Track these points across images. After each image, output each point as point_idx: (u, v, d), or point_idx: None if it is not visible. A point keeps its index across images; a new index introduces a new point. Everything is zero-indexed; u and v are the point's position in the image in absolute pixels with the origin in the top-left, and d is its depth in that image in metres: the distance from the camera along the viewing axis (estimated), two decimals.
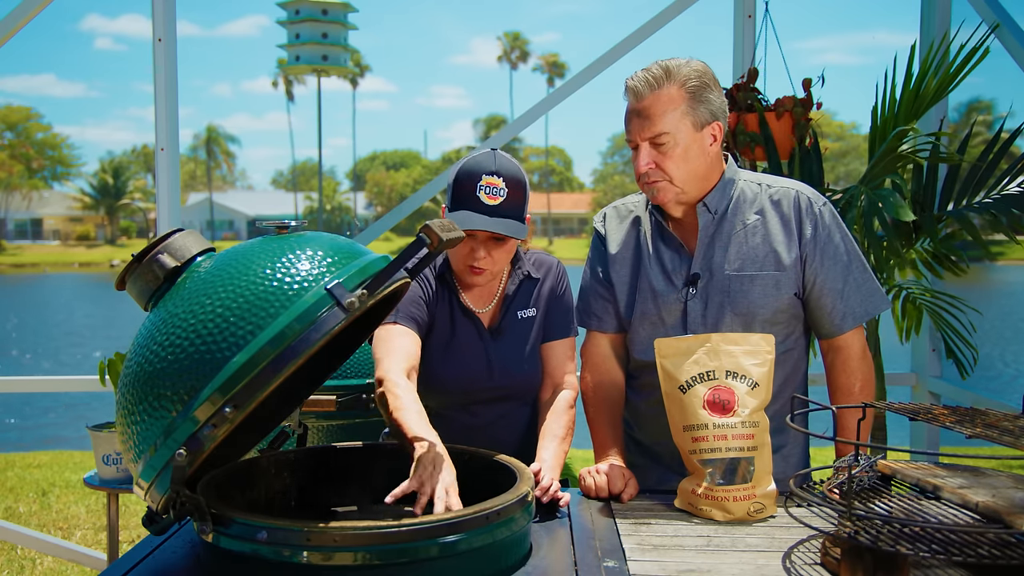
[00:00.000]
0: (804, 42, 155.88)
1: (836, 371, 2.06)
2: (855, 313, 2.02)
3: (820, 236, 1.99)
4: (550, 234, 69.62)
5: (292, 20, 62.04)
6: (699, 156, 1.95)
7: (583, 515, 1.75)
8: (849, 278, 2.01)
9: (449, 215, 1.97)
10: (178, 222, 3.66)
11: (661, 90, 1.91)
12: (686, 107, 1.91)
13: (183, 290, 1.38)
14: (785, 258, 1.98)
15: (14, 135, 64.98)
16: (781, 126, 3.52)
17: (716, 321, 1.99)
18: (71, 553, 4.02)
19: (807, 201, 2.02)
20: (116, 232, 67.58)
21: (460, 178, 1.97)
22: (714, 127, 1.96)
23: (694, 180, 1.97)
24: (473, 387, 2.07)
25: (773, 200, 2.03)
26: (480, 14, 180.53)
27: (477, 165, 1.97)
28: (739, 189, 2.05)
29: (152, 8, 3.74)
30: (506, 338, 2.09)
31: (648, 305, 2.06)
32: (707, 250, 2.02)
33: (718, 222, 2.02)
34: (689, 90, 1.92)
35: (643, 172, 1.96)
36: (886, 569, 1.27)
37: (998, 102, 42.68)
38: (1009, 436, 1.35)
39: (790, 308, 2.00)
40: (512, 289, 2.12)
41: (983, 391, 3.75)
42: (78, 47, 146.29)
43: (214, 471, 1.55)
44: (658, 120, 1.91)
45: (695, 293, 2.01)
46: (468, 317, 2.08)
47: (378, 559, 1.31)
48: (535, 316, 2.13)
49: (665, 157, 1.94)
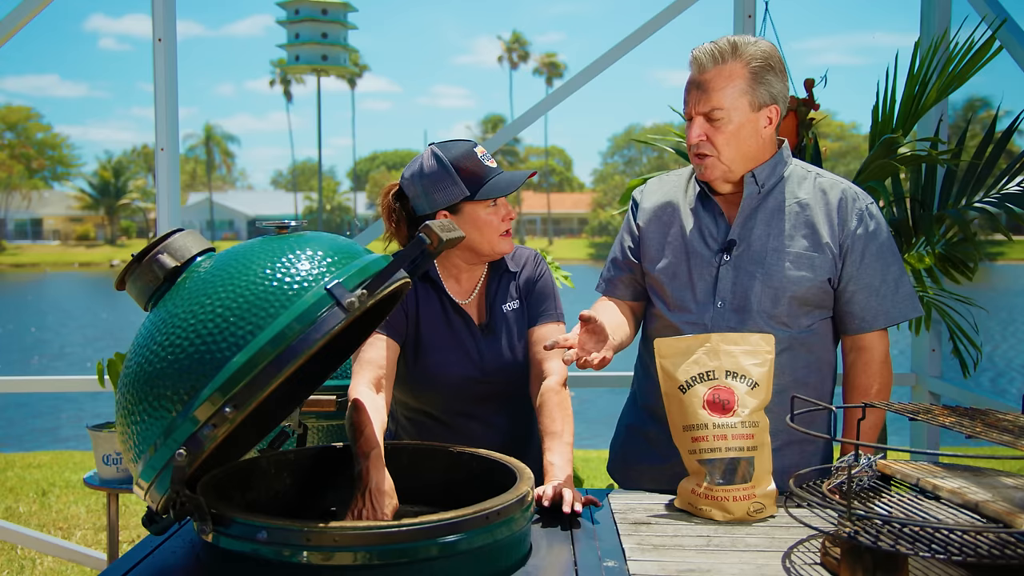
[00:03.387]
0: (804, 42, 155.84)
1: (857, 371, 2.05)
2: (888, 313, 2.01)
3: (864, 231, 1.98)
4: (550, 234, 69.60)
5: (292, 20, 62.06)
6: (751, 136, 1.95)
7: (583, 515, 1.75)
8: (888, 278, 2.00)
9: (476, 197, 1.99)
10: (178, 222, 3.65)
11: (724, 64, 1.91)
12: (746, 85, 1.91)
13: (183, 290, 1.38)
14: (826, 243, 1.97)
15: (14, 135, 64.98)
16: (785, 125, 3.52)
17: (746, 291, 1.98)
18: (71, 553, 4.02)
19: (854, 196, 2.02)
20: (116, 232, 67.59)
21: (460, 164, 2.00)
22: (771, 110, 1.95)
23: (743, 160, 1.97)
24: (466, 383, 2.07)
25: (822, 188, 2.02)
26: (481, 14, 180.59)
27: (462, 148, 2.03)
28: (790, 170, 2.04)
29: (152, 8, 3.74)
30: (496, 334, 2.10)
31: (680, 265, 2.04)
32: (747, 220, 2.00)
33: (764, 196, 2.01)
34: (752, 69, 1.91)
35: (694, 143, 1.96)
36: (886, 569, 1.27)
37: (997, 101, 42.71)
38: (1009, 436, 1.35)
39: (821, 292, 1.99)
40: (494, 281, 2.13)
41: (983, 391, 3.75)
42: (82, 47, 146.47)
43: (214, 471, 1.55)
44: (715, 94, 1.91)
45: (729, 260, 1.99)
46: (458, 314, 2.09)
47: (378, 559, 1.31)
48: (519, 308, 2.14)
49: (717, 132, 1.93)
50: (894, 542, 1.27)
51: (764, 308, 1.97)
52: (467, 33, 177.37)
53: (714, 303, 1.99)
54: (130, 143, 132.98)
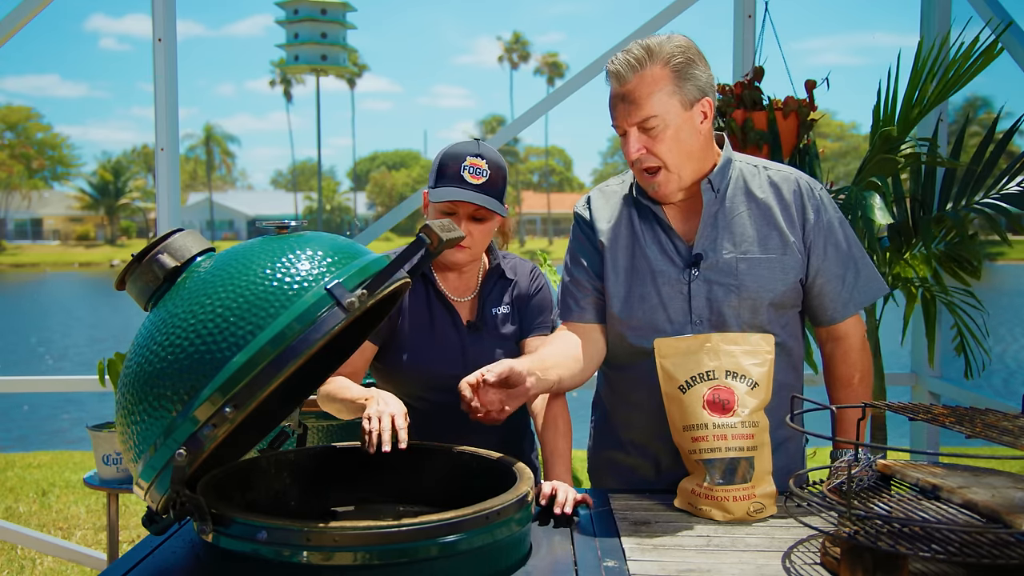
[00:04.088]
0: (804, 42, 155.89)
1: (836, 361, 2.03)
2: (856, 300, 1.98)
3: (822, 222, 1.95)
4: (550, 234, 69.57)
5: (291, 20, 62.00)
6: (692, 136, 1.87)
7: (583, 515, 1.75)
8: (850, 263, 1.97)
9: (433, 191, 2.06)
10: (178, 222, 3.66)
11: (645, 71, 1.82)
12: (672, 86, 1.83)
13: (183, 290, 1.38)
14: (792, 242, 1.93)
15: (14, 135, 64.98)
16: (787, 125, 3.53)
17: (722, 305, 1.92)
18: (71, 553, 4.02)
19: (807, 186, 1.97)
20: (116, 232, 67.59)
21: (445, 160, 2.06)
22: (704, 103, 1.87)
23: (689, 161, 1.89)
24: (448, 377, 2.07)
25: (773, 182, 1.97)
26: (481, 14, 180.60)
27: (462, 148, 2.07)
28: (737, 169, 1.99)
29: (152, 8, 3.74)
30: (482, 332, 2.12)
31: (647, 288, 1.95)
32: (710, 231, 1.94)
33: (720, 201, 1.95)
34: (674, 68, 1.83)
35: (635, 158, 1.88)
36: (886, 569, 1.27)
37: (997, 101, 42.63)
38: (1009, 436, 1.35)
39: (794, 292, 1.96)
40: (489, 284, 2.17)
41: (983, 391, 3.74)
42: (83, 47, 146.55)
43: (214, 471, 1.55)
44: (645, 103, 1.82)
45: (698, 275, 1.93)
46: (445, 308, 2.12)
47: (378, 559, 1.31)
48: (509, 312, 2.17)
49: (656, 141, 1.85)
50: (894, 542, 1.27)
51: (744, 319, 1.92)
52: (468, 33, 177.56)
53: (691, 322, 1.92)
54: (130, 143, 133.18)
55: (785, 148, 3.56)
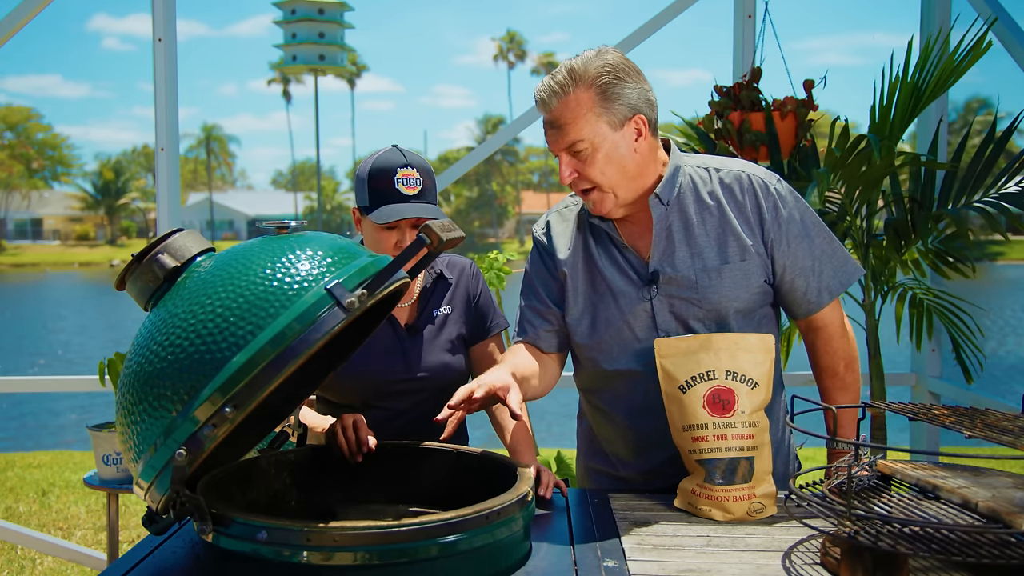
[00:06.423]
0: (804, 42, 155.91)
1: (819, 352, 2.00)
2: (830, 287, 1.94)
3: (781, 217, 1.89)
4: None
5: (288, 20, 61.98)
6: (626, 156, 1.82)
7: (583, 515, 1.75)
8: (817, 252, 1.92)
9: (369, 215, 2.00)
10: (178, 222, 3.66)
11: (568, 96, 1.78)
12: (599, 108, 1.77)
13: (183, 290, 1.38)
14: (751, 245, 1.87)
15: (14, 135, 65.00)
16: (785, 126, 3.53)
17: (687, 317, 1.88)
18: (71, 553, 4.03)
19: (760, 183, 1.90)
20: (116, 232, 67.63)
21: (374, 176, 2.02)
22: (635, 121, 1.81)
23: (624, 181, 1.84)
24: (390, 381, 2.08)
25: (724, 184, 1.90)
26: (481, 14, 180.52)
27: (387, 161, 2.03)
28: (687, 176, 1.91)
29: (152, 8, 3.74)
30: (422, 335, 2.11)
31: (611, 311, 1.92)
32: (665, 245, 1.89)
33: (671, 213, 1.89)
34: (599, 88, 1.77)
35: (568, 182, 1.85)
36: (886, 569, 1.28)
37: (997, 101, 42.61)
38: (1009, 436, 1.35)
39: (762, 294, 1.92)
40: (427, 287, 2.16)
41: (983, 391, 3.75)
42: (85, 47, 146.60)
43: (214, 471, 1.55)
44: (570, 128, 1.78)
45: (658, 292, 1.89)
46: None
47: (378, 559, 1.31)
48: (451, 313, 2.16)
49: (586, 164, 1.81)
50: (894, 542, 1.27)
51: (711, 329, 1.89)
52: (468, 33, 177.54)
53: (659, 336, 1.88)
54: (131, 143, 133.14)
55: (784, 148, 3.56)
